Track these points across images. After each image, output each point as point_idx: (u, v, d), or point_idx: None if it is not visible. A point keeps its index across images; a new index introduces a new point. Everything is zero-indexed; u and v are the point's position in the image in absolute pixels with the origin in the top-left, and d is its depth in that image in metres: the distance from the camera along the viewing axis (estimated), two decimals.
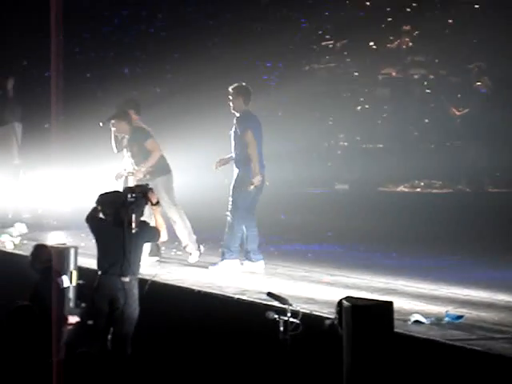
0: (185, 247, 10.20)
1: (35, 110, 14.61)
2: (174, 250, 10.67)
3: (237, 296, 8.09)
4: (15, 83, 14.07)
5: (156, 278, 8.32)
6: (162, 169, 10.30)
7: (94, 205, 8.09)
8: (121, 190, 8.60)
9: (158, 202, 8.05)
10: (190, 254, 10.16)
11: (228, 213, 9.75)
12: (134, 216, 7.79)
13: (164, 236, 8.12)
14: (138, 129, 10.40)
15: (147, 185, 8.18)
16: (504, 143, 13.12)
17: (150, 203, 7.99)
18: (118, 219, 7.85)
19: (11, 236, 12.10)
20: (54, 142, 12.11)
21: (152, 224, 8.11)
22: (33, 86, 16.70)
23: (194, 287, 8.68)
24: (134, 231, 7.79)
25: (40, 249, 8.71)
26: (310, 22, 15.79)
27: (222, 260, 9.74)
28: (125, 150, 10.52)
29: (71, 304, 8.29)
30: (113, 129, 10.41)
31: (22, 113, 13.41)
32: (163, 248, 10.35)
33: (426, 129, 14.46)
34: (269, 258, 9.95)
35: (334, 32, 15.65)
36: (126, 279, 7.81)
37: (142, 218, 8.05)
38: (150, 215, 8.50)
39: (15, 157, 13.01)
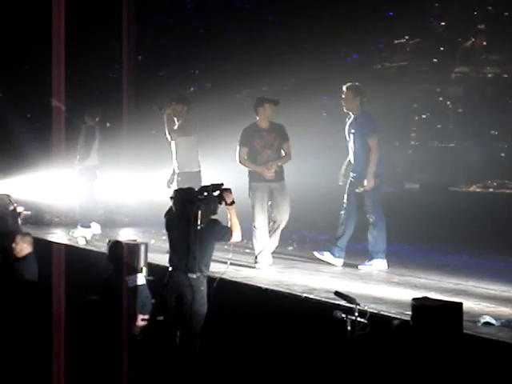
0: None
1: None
2: (242, 249, 10.71)
3: (304, 294, 8.08)
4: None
5: (224, 276, 8.36)
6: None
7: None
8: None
9: (232, 202, 8.06)
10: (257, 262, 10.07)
11: (370, 215, 9.93)
12: (200, 213, 7.84)
13: (237, 237, 8.13)
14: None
15: (222, 184, 8.20)
16: None
17: (224, 203, 8.03)
18: (184, 215, 7.92)
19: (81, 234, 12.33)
20: (125, 142, 12.33)
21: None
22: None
23: (261, 285, 8.71)
24: (199, 228, 7.83)
25: (115, 245, 8.86)
26: (378, 20, 15.66)
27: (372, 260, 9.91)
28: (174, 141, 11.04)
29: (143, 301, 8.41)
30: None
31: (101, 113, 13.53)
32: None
33: (499, 128, 14.22)
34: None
35: (405, 31, 15.50)
36: (194, 276, 7.87)
37: None
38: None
39: (95, 157, 13.17)
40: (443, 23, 15.21)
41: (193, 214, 7.87)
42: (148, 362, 8.09)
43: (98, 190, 13.38)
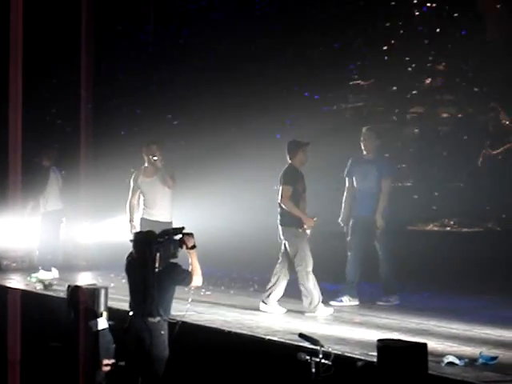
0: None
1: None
2: (203, 290, 10.65)
3: (268, 337, 8.05)
4: None
5: (186, 319, 8.29)
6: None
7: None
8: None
9: (194, 246, 8.02)
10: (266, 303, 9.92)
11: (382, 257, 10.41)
12: (158, 255, 7.79)
13: (197, 281, 8.05)
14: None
15: (183, 228, 8.16)
16: None
17: (185, 247, 7.99)
18: (143, 258, 7.87)
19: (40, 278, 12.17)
20: (82, 186, 12.27)
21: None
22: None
23: (224, 328, 8.66)
24: (157, 270, 7.78)
25: (75, 290, 8.74)
26: (337, 60, 15.83)
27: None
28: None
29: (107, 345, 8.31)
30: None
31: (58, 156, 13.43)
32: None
33: (455, 167, 14.40)
34: (299, 298, 9.89)
35: (361, 71, 15.69)
36: (153, 320, 7.79)
37: None
38: None
39: (59, 201, 13.03)
40: (399, 63, 15.41)
41: (151, 257, 7.81)
42: None
43: (62, 235, 13.26)
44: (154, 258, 7.77)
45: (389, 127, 15.04)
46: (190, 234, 8.01)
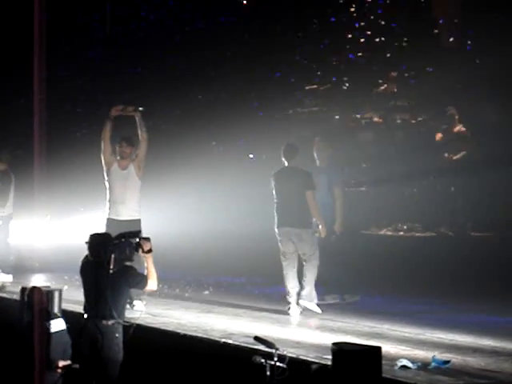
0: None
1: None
2: (158, 293, 10.62)
3: (223, 340, 8.06)
4: None
5: (141, 322, 8.26)
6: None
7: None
8: None
9: (150, 250, 8.00)
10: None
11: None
12: (113, 257, 7.76)
13: (152, 285, 8.02)
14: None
15: (140, 231, 8.14)
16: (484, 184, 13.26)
17: (141, 250, 7.97)
18: (97, 260, 7.84)
19: None
20: (36, 188, 12.10)
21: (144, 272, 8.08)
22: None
23: (179, 331, 8.65)
24: (111, 272, 7.75)
25: (32, 291, 8.66)
26: (293, 65, 15.94)
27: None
28: None
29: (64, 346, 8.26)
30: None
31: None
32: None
33: (408, 172, 14.55)
34: (253, 301, 9.93)
35: (318, 76, 15.81)
36: (106, 322, 7.75)
37: None
38: None
39: (11, 206, 12.72)
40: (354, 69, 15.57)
41: (106, 259, 7.78)
42: None
43: (12, 238, 13.05)
44: (108, 259, 7.73)
45: (343, 132, 15.20)
46: (147, 239, 8.01)
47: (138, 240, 7.91)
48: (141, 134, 10.24)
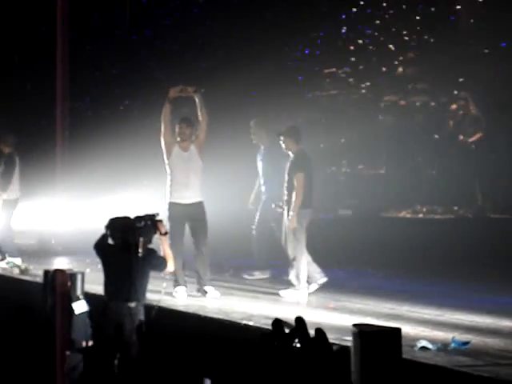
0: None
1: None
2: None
3: (244, 321, 8.14)
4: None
5: (162, 304, 8.37)
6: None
7: (103, 230, 8.17)
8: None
9: (166, 233, 8.10)
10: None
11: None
12: (141, 240, 7.87)
13: (170, 266, 8.18)
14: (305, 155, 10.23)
15: (157, 214, 8.24)
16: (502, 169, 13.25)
17: (158, 233, 8.07)
18: (125, 243, 7.93)
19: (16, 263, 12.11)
20: (58, 170, 12.13)
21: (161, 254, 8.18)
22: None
23: (200, 313, 8.74)
24: (140, 255, 7.86)
25: (55, 274, 8.77)
26: (312, 48, 15.92)
27: None
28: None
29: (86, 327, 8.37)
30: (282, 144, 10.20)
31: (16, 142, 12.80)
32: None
33: (429, 155, 14.56)
34: (276, 284, 10.00)
35: (336, 59, 15.79)
36: (132, 305, 7.86)
37: None
38: None
39: (17, 190, 12.53)
40: (372, 51, 15.52)
41: (134, 243, 7.88)
42: None
43: (16, 222, 12.98)
44: (137, 243, 7.84)
45: (363, 115, 15.21)
46: (162, 221, 8.13)
47: (153, 222, 8.02)
48: (201, 115, 9.97)
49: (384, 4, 15.26)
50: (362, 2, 15.49)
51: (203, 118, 9.98)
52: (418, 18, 14.96)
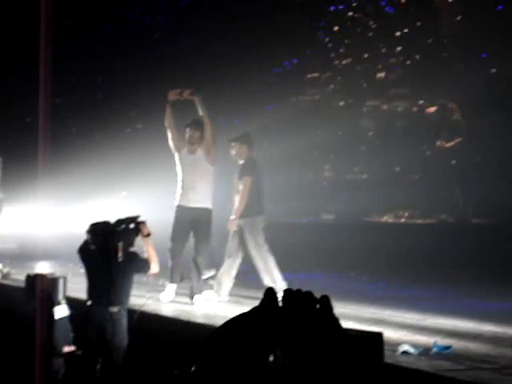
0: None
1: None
2: (162, 280, 10.68)
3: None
4: None
5: (145, 309, 8.35)
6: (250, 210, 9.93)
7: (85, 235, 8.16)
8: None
9: (149, 234, 8.11)
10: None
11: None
12: (120, 245, 7.86)
13: (154, 268, 8.18)
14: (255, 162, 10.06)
15: (139, 216, 8.24)
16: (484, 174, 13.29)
17: (141, 235, 8.07)
18: (104, 248, 7.92)
19: None
20: (40, 175, 12.03)
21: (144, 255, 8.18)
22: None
23: (182, 318, 8.72)
24: (120, 260, 7.85)
25: (37, 278, 8.73)
26: (296, 54, 15.97)
27: None
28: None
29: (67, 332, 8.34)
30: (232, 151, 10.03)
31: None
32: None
33: (409, 160, 14.60)
34: (257, 287, 9.98)
35: (319, 64, 15.83)
36: (114, 309, 7.85)
37: None
38: None
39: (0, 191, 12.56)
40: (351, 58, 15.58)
41: (113, 247, 7.87)
42: None
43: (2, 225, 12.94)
44: (116, 248, 7.84)
45: (345, 120, 15.25)
46: (144, 222, 8.11)
47: (136, 225, 8.01)
48: (202, 117, 9.82)
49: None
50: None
51: (205, 119, 9.83)
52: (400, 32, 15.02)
